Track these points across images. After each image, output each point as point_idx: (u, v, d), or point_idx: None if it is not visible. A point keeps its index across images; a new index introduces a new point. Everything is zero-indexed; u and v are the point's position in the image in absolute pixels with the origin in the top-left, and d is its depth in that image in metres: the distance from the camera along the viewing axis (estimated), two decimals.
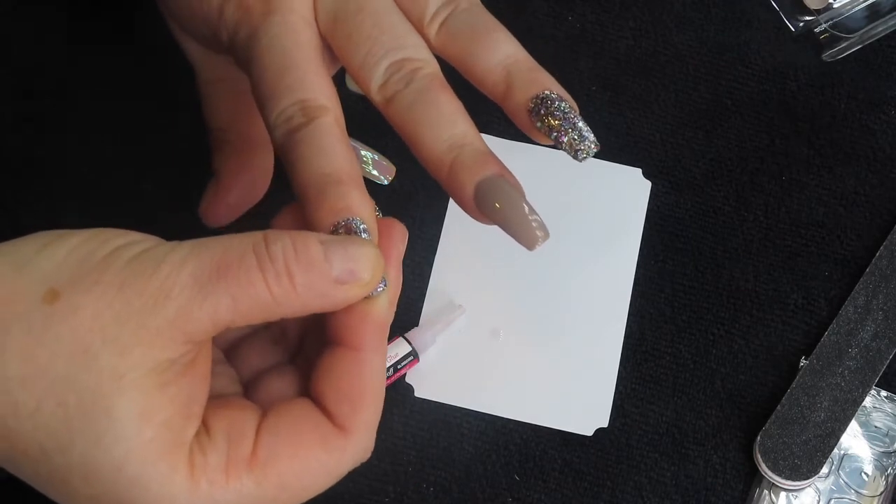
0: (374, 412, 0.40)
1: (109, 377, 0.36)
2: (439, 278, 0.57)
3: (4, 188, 0.57)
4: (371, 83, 0.44)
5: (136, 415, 0.36)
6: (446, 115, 0.43)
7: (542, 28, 0.61)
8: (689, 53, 0.61)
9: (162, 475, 0.37)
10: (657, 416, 0.54)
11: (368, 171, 0.57)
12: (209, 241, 0.38)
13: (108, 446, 0.36)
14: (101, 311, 0.36)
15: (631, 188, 0.58)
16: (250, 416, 0.39)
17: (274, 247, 0.38)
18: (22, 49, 0.60)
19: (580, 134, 0.43)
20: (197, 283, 0.37)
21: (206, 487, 0.37)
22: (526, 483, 0.53)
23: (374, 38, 0.44)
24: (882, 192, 0.58)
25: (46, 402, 0.36)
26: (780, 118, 0.59)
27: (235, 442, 0.38)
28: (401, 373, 0.54)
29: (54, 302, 0.36)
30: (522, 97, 0.43)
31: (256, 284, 0.37)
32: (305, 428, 0.39)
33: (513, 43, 0.45)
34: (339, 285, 0.38)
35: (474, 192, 0.42)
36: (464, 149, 0.43)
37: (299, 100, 0.43)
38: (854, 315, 0.55)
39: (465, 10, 0.45)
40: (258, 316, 0.38)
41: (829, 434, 0.53)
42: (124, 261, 0.37)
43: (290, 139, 0.42)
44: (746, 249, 0.57)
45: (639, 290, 0.56)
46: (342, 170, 0.42)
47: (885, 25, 0.60)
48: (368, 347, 0.40)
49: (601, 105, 0.60)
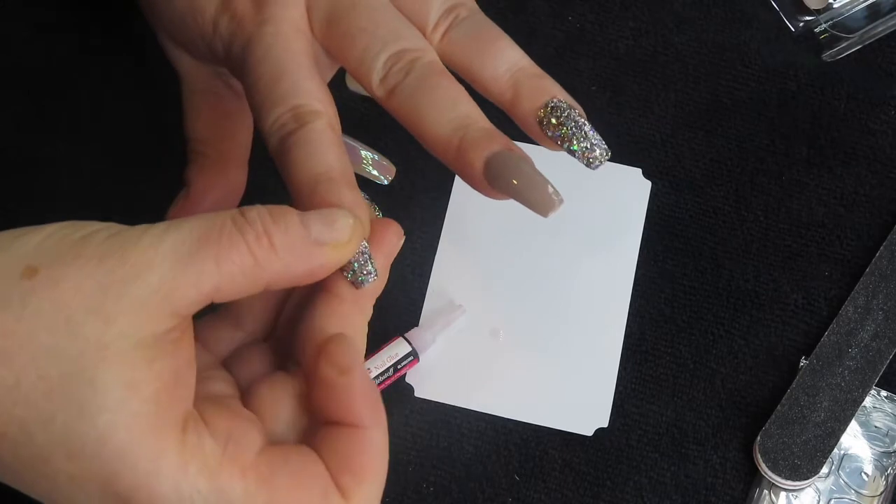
0: (377, 485, 0.39)
1: (94, 346, 0.35)
2: (439, 278, 0.57)
3: (4, 188, 0.57)
4: (371, 78, 0.44)
5: (122, 385, 0.35)
6: (448, 98, 0.43)
7: (542, 28, 0.61)
8: (688, 53, 0.61)
9: (150, 452, 0.36)
10: (657, 416, 0.54)
11: (368, 171, 0.57)
12: (184, 218, 0.38)
13: (91, 416, 0.35)
14: (82, 282, 0.36)
15: (631, 188, 0.58)
16: (254, 428, 0.39)
17: (250, 213, 0.38)
18: (22, 49, 0.60)
19: (592, 143, 0.44)
20: (178, 252, 0.37)
21: (194, 474, 0.36)
22: (526, 483, 0.53)
23: (371, 32, 0.44)
24: (882, 192, 0.58)
25: (26, 375, 0.35)
26: (780, 118, 0.59)
27: (236, 443, 0.38)
28: (401, 373, 0.54)
29: (33, 277, 0.36)
30: (530, 106, 0.44)
31: (239, 246, 0.37)
32: (313, 472, 0.38)
33: (517, 50, 0.45)
34: (319, 246, 0.39)
35: (484, 168, 0.42)
36: (469, 128, 0.43)
37: (293, 106, 0.43)
38: (854, 315, 0.55)
39: (466, 19, 0.46)
40: (242, 282, 0.38)
41: (829, 434, 0.53)
42: (103, 238, 0.37)
43: (283, 144, 0.42)
44: (746, 249, 0.57)
45: (639, 290, 0.56)
46: (334, 169, 0.42)
47: (885, 25, 0.60)
48: (368, 423, 0.39)
49: (601, 105, 0.60)
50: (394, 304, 0.56)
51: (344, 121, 0.48)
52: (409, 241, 0.57)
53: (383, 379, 0.54)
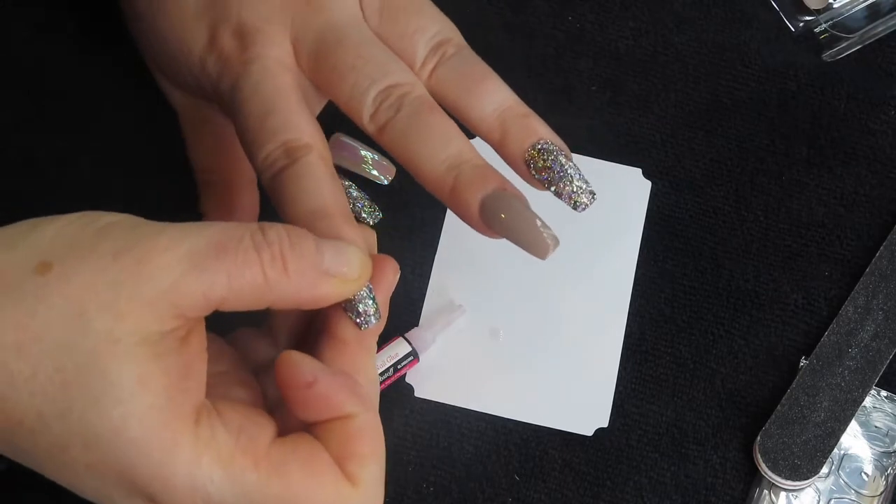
0: (379, 465, 0.40)
1: (105, 340, 0.36)
2: (439, 278, 0.57)
3: (4, 188, 0.57)
4: (362, 114, 0.45)
5: (134, 378, 0.36)
6: (440, 135, 0.44)
7: (542, 28, 0.61)
8: (688, 53, 0.61)
9: (165, 443, 0.37)
10: (657, 416, 0.54)
11: (368, 171, 0.57)
12: (205, 223, 0.39)
13: (106, 408, 0.36)
14: (95, 279, 0.37)
15: (631, 188, 0.58)
16: (267, 423, 0.40)
17: (270, 233, 0.39)
18: (22, 49, 0.60)
19: (577, 186, 0.44)
20: (194, 258, 0.37)
21: (208, 464, 0.37)
22: (526, 483, 0.53)
23: (359, 68, 0.45)
24: (882, 192, 0.58)
25: (43, 367, 0.36)
26: (780, 118, 0.59)
27: (248, 435, 0.39)
28: (401, 373, 0.54)
29: (47, 273, 0.37)
30: (518, 148, 0.45)
31: (252, 266, 0.38)
32: (322, 461, 0.39)
33: (504, 89, 0.46)
34: (328, 277, 0.40)
35: (479, 208, 0.43)
36: (462, 167, 0.44)
37: (283, 141, 0.44)
38: (854, 315, 0.55)
39: (454, 56, 0.46)
40: (248, 298, 0.39)
41: (829, 434, 0.53)
42: (118, 233, 0.38)
43: (276, 181, 0.43)
44: (746, 249, 0.57)
45: (639, 290, 0.56)
46: (329, 205, 0.43)
47: (885, 25, 0.60)
48: (354, 411, 0.40)
49: (601, 105, 0.60)
50: (394, 304, 0.56)
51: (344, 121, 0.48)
52: (409, 241, 0.57)
53: (383, 379, 0.54)
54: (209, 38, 0.47)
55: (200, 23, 0.47)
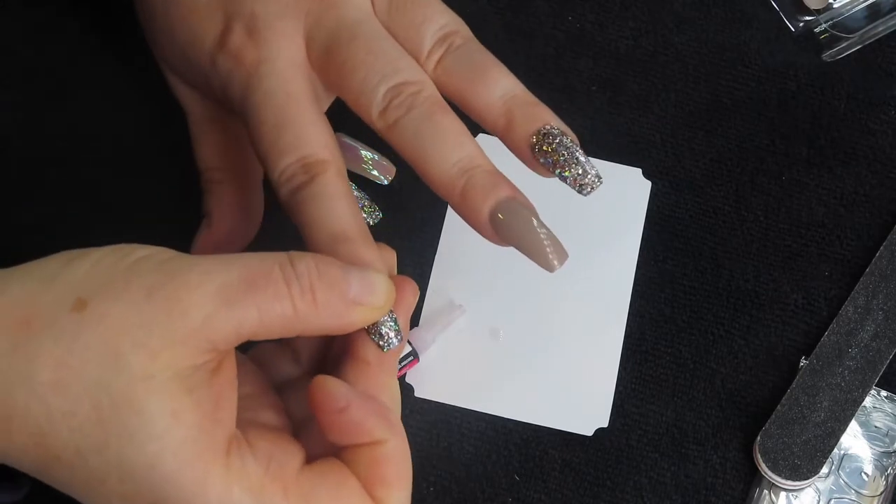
0: (406, 490, 0.41)
1: (140, 378, 0.37)
2: (439, 278, 0.57)
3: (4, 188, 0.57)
4: (371, 110, 0.45)
5: (168, 414, 0.37)
6: (452, 138, 0.44)
7: (542, 28, 0.61)
8: (688, 53, 0.61)
9: (197, 476, 0.37)
10: (657, 416, 0.54)
11: (368, 171, 0.57)
12: (233, 256, 0.39)
13: (141, 444, 0.37)
14: (129, 318, 0.37)
15: (631, 188, 0.58)
16: (295, 450, 0.40)
17: (300, 266, 0.39)
18: (22, 49, 0.60)
19: (584, 169, 0.44)
20: (224, 294, 0.38)
21: (238, 494, 0.38)
22: (526, 483, 0.53)
23: (369, 64, 0.45)
24: (882, 192, 0.58)
25: (81, 405, 0.37)
26: (780, 118, 0.59)
27: (278, 463, 0.39)
28: (401, 373, 0.54)
29: (83, 310, 0.37)
30: (524, 133, 0.44)
31: (283, 300, 0.39)
32: (351, 487, 0.40)
33: (510, 78, 0.46)
34: (355, 306, 0.40)
35: (489, 216, 0.44)
36: (474, 171, 0.44)
37: (300, 157, 0.44)
38: (854, 315, 0.55)
39: (460, 48, 0.46)
40: (278, 330, 0.39)
41: (829, 434, 0.53)
42: (150, 269, 0.38)
43: (294, 198, 0.43)
44: (746, 249, 0.57)
45: (639, 290, 0.56)
46: (349, 228, 0.43)
47: (885, 25, 0.60)
48: (384, 436, 0.41)
49: (601, 105, 0.60)
50: None
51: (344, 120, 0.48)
52: (408, 241, 0.57)
53: None
54: (221, 32, 0.46)
55: (213, 14, 0.47)
